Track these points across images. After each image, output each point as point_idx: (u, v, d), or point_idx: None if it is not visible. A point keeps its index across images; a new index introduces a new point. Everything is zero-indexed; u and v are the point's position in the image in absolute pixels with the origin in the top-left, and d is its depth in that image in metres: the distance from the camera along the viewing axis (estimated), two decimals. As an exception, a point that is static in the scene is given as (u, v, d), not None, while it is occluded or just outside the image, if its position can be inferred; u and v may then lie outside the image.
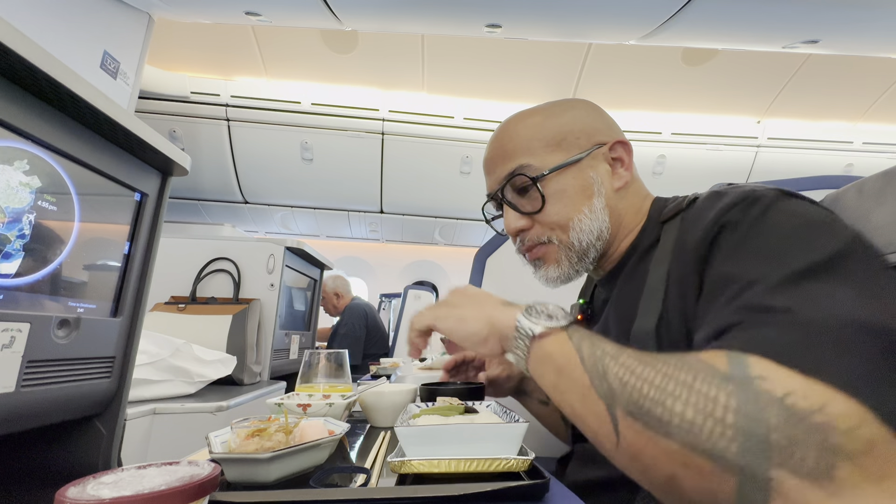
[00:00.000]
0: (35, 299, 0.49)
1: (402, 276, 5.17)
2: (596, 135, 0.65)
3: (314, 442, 0.49)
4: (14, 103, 0.45)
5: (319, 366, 0.82)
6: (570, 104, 0.69)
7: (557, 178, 0.63)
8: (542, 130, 0.65)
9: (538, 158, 0.64)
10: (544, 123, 0.65)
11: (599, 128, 0.66)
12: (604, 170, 0.65)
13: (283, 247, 1.61)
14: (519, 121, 0.67)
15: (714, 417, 0.33)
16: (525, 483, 0.44)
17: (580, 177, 0.64)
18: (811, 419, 0.31)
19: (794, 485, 0.30)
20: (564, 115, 0.66)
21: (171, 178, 0.69)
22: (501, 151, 0.67)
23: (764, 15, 1.77)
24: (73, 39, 1.72)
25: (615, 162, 0.66)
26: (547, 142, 0.64)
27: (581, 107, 0.68)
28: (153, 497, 0.29)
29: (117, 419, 0.62)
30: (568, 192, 0.63)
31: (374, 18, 1.98)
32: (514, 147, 0.65)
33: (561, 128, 0.65)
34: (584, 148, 0.64)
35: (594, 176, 0.64)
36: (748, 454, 0.32)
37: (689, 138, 3.04)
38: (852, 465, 0.30)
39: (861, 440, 0.31)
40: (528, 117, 0.67)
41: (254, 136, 2.98)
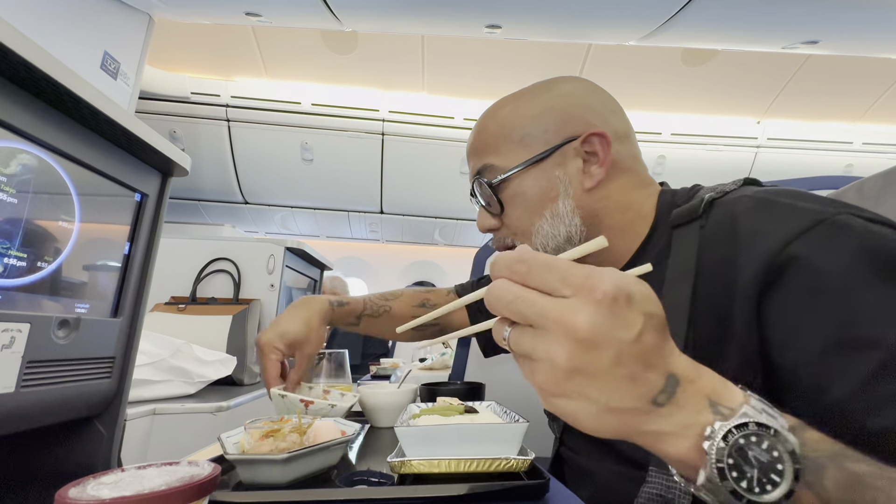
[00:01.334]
0: (35, 299, 0.49)
1: (402, 276, 5.17)
2: (568, 125, 0.58)
3: (329, 443, 0.49)
4: (14, 103, 0.45)
5: (319, 366, 0.82)
6: (551, 86, 0.62)
7: (518, 180, 0.58)
8: (509, 125, 0.60)
9: (501, 157, 0.59)
10: (513, 115, 0.60)
11: (579, 115, 0.58)
12: (574, 168, 0.58)
13: (283, 247, 1.61)
14: (492, 113, 0.63)
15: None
16: (525, 483, 0.44)
17: (543, 177, 0.58)
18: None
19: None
20: (538, 102, 0.60)
21: (171, 178, 0.69)
22: (472, 146, 0.64)
23: (764, 15, 1.77)
24: (73, 40, 1.72)
25: (589, 156, 0.58)
26: (511, 138, 0.59)
27: (564, 89, 0.61)
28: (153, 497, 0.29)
29: (117, 419, 0.62)
30: (528, 196, 0.58)
31: (374, 19, 1.98)
32: (481, 142, 0.62)
33: (529, 120, 0.59)
34: (550, 143, 0.58)
35: (560, 175, 0.57)
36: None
37: (688, 139, 3.04)
38: None
39: None
40: (502, 107, 0.62)
41: (254, 136, 2.98)
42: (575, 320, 0.27)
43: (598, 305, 0.27)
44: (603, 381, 0.28)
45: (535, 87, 0.63)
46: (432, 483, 0.45)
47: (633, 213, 0.59)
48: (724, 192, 0.53)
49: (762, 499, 0.27)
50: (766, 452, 0.28)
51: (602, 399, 0.29)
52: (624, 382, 0.28)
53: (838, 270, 0.39)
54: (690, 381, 0.30)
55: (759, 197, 0.48)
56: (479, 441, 0.47)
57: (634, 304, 0.28)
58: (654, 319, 0.29)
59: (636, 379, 0.29)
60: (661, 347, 0.30)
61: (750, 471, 0.27)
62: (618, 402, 0.29)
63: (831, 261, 0.39)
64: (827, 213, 0.42)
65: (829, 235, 0.40)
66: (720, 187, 0.54)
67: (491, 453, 0.46)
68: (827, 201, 0.44)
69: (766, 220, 0.44)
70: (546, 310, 0.28)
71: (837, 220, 0.41)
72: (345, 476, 0.48)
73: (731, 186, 0.54)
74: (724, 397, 0.30)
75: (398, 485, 0.46)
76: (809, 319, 0.39)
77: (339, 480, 0.47)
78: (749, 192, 0.50)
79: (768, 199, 0.46)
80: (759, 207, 0.46)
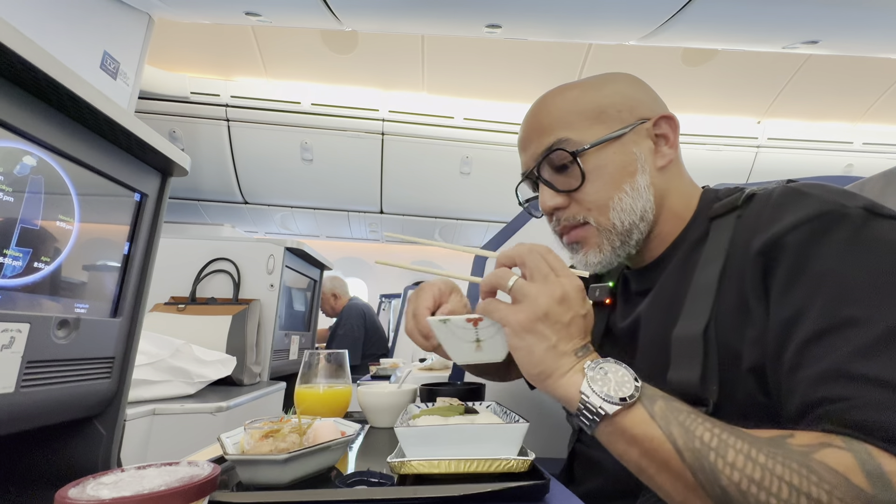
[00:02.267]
0: (35, 300, 0.49)
1: (402, 276, 5.17)
2: (639, 108, 0.61)
3: (329, 443, 0.49)
4: (14, 103, 0.45)
5: (319, 366, 0.82)
6: (611, 77, 0.64)
7: (598, 154, 0.59)
8: (582, 103, 0.61)
9: (577, 132, 0.59)
10: (583, 96, 0.61)
11: (643, 101, 0.62)
12: (647, 146, 0.60)
13: (283, 247, 1.61)
14: (557, 94, 0.63)
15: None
16: (525, 483, 0.44)
17: (622, 152, 0.59)
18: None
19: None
20: (605, 88, 0.62)
21: (171, 178, 0.69)
22: (537, 126, 0.62)
23: (764, 15, 1.77)
24: (73, 39, 1.72)
25: (659, 138, 0.61)
26: (587, 115, 0.60)
27: (623, 80, 0.64)
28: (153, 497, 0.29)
29: (117, 420, 0.62)
30: (609, 169, 0.58)
31: (374, 18, 1.98)
32: (551, 121, 0.61)
33: (602, 100, 0.60)
34: (626, 122, 0.60)
35: (637, 152, 0.59)
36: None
37: (689, 138, 3.04)
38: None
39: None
40: (566, 91, 0.63)
41: (254, 136, 2.98)
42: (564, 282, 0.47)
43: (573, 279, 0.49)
44: (563, 330, 0.46)
45: (591, 78, 0.65)
46: (432, 483, 0.45)
47: (687, 199, 0.62)
48: (766, 188, 0.56)
49: (616, 394, 0.42)
50: (621, 374, 0.44)
51: (555, 341, 0.46)
52: (572, 337, 0.47)
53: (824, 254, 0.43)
54: (592, 352, 0.48)
55: (793, 186, 0.51)
56: (479, 441, 0.47)
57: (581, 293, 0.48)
58: (589, 314, 0.49)
59: (576, 336, 0.47)
60: (587, 329, 0.49)
61: (610, 381, 0.43)
62: (563, 347, 0.46)
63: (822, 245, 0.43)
64: (840, 204, 0.45)
65: (829, 225, 0.44)
66: (765, 186, 0.57)
67: (491, 454, 0.46)
68: (851, 195, 0.46)
69: (784, 206, 0.48)
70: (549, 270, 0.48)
71: (846, 211, 0.44)
72: (345, 476, 0.48)
73: (775, 184, 0.57)
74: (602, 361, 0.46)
75: (398, 485, 0.46)
76: (787, 294, 0.44)
77: (339, 480, 0.47)
78: (789, 186, 0.53)
79: (798, 188, 0.49)
80: (787, 194, 0.49)
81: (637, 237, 0.59)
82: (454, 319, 0.52)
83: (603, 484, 0.60)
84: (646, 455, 0.41)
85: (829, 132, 3.09)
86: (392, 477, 0.47)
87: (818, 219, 0.44)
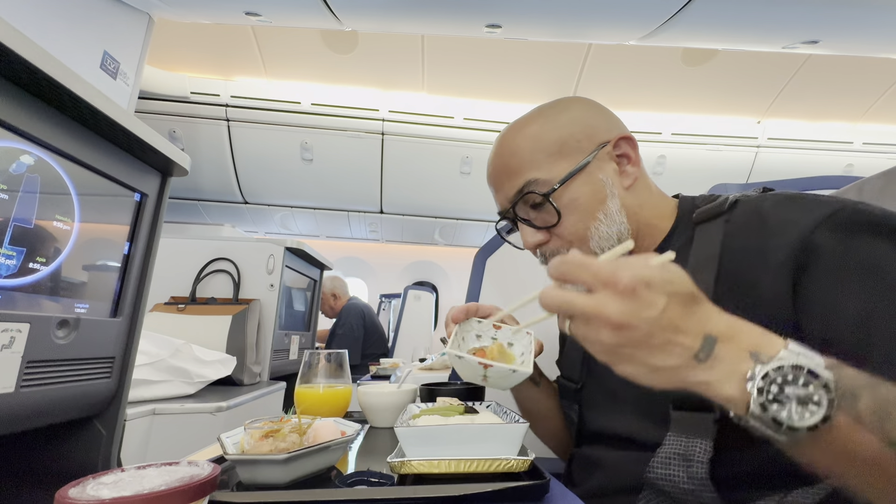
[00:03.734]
0: (35, 299, 0.49)
1: (402, 276, 5.17)
2: (597, 134, 0.63)
3: (329, 443, 0.49)
4: (14, 103, 0.45)
5: (319, 366, 0.82)
6: (565, 105, 0.66)
7: (568, 189, 0.61)
8: (542, 140, 0.63)
9: (544, 171, 0.61)
10: (543, 132, 0.63)
11: (599, 125, 0.64)
12: (611, 169, 0.63)
13: (283, 247, 1.61)
14: (516, 132, 0.65)
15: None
16: (525, 483, 0.44)
17: (590, 182, 0.61)
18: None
19: None
20: (560, 118, 0.64)
21: (171, 178, 0.69)
22: (505, 169, 0.65)
23: (764, 15, 1.77)
24: (73, 39, 1.72)
25: (621, 159, 0.64)
26: (549, 151, 0.62)
27: (576, 106, 0.66)
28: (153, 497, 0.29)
29: (117, 419, 0.62)
30: (581, 201, 0.61)
31: (374, 18, 1.98)
32: (517, 163, 0.63)
33: (560, 133, 0.63)
34: (587, 150, 0.62)
35: (604, 178, 0.62)
36: None
37: (689, 138, 3.04)
38: None
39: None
40: (524, 127, 0.65)
41: (254, 136, 2.98)
42: (607, 311, 0.36)
43: (622, 296, 0.36)
44: (645, 350, 0.37)
45: (545, 108, 0.67)
46: (432, 483, 0.45)
47: (660, 210, 0.65)
48: (747, 194, 0.59)
49: (801, 424, 0.33)
50: (803, 387, 0.33)
51: (649, 361, 0.37)
52: (662, 347, 0.36)
53: (862, 247, 0.45)
54: (729, 338, 0.37)
55: (784, 193, 0.54)
56: (479, 441, 0.47)
57: (654, 287, 0.36)
58: (677, 296, 0.37)
59: (672, 343, 0.36)
60: (691, 315, 0.37)
61: (788, 402, 0.33)
62: (662, 363, 0.37)
63: (854, 239, 0.46)
64: (846, 202, 0.48)
65: (850, 219, 0.47)
66: (743, 192, 0.60)
67: (491, 454, 0.46)
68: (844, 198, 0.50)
69: (793, 210, 0.50)
70: (585, 307, 0.37)
71: (857, 206, 0.47)
72: (345, 476, 0.48)
73: (753, 192, 0.60)
74: (763, 347, 0.36)
75: (398, 485, 0.46)
76: (845, 294, 0.45)
77: (339, 480, 0.47)
78: (772, 192, 0.57)
79: (793, 195, 0.53)
80: (785, 201, 0.52)
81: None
82: (468, 359, 0.56)
83: (604, 481, 0.60)
84: (851, 463, 0.35)
85: (829, 132, 3.09)
86: (392, 477, 0.47)
87: (834, 215, 0.47)
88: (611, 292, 0.36)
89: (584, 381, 0.69)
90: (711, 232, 0.56)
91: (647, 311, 0.36)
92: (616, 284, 0.36)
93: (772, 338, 0.37)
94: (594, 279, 0.37)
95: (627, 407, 0.60)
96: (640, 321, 0.36)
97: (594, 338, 0.38)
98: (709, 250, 0.54)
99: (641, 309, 0.36)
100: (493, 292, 1.16)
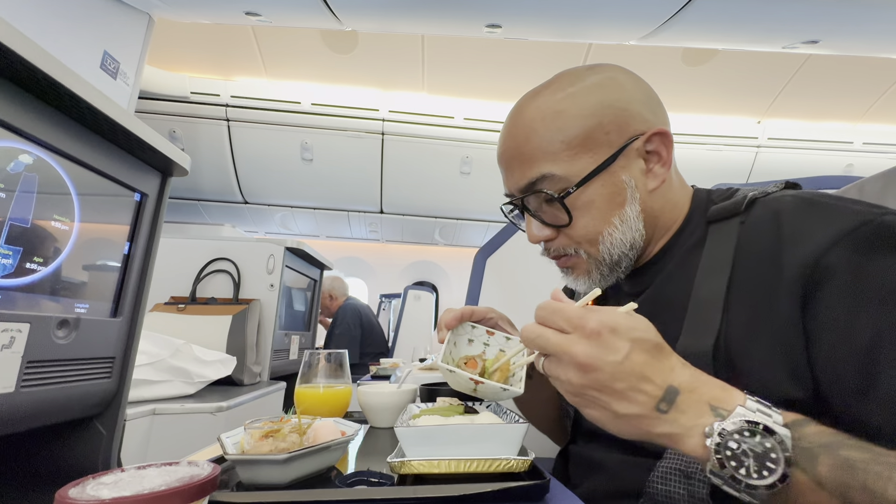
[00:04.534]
0: (35, 299, 0.49)
1: (402, 276, 5.17)
2: (631, 123, 0.54)
3: (329, 443, 0.49)
4: (14, 103, 0.45)
5: (319, 366, 0.82)
6: (600, 79, 0.56)
7: (585, 190, 0.54)
8: (565, 125, 0.54)
9: (562, 165, 0.54)
10: (567, 114, 0.54)
11: (636, 112, 0.55)
12: (638, 169, 0.55)
13: (283, 247, 1.61)
14: (537, 109, 0.56)
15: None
16: (525, 483, 0.44)
17: (611, 183, 0.54)
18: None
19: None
20: (592, 98, 0.55)
21: (171, 178, 0.69)
22: (518, 153, 0.57)
23: (764, 15, 1.77)
24: (73, 39, 1.72)
25: (651, 156, 0.56)
26: (570, 142, 0.54)
27: (614, 83, 0.56)
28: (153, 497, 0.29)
29: (117, 419, 0.62)
30: (597, 204, 0.55)
31: (374, 18, 1.98)
32: (532, 149, 0.55)
33: (587, 119, 0.54)
34: (615, 145, 0.54)
35: (627, 179, 0.55)
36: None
37: (689, 138, 3.04)
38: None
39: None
40: (546, 104, 0.56)
41: (254, 136, 2.98)
42: (574, 351, 0.38)
43: (588, 338, 0.38)
44: (608, 394, 0.38)
45: (575, 78, 0.58)
46: (432, 483, 0.45)
47: (678, 210, 0.59)
48: (765, 192, 0.54)
49: (759, 482, 0.33)
50: (759, 444, 0.34)
51: (612, 407, 0.38)
52: (624, 394, 0.38)
53: (882, 270, 0.41)
54: (691, 391, 0.38)
55: (803, 196, 0.49)
56: (479, 441, 0.47)
57: (619, 333, 0.38)
58: (641, 343, 0.38)
59: (635, 390, 0.38)
60: (654, 364, 0.38)
61: (746, 460, 0.34)
62: (625, 410, 0.38)
63: (875, 261, 0.41)
64: (873, 213, 0.43)
65: (873, 237, 0.42)
66: (762, 189, 0.55)
67: (491, 454, 0.46)
68: (872, 204, 0.45)
69: (810, 219, 0.46)
70: (556, 345, 0.39)
71: (883, 220, 0.42)
72: (345, 476, 0.48)
73: (773, 188, 0.55)
74: (723, 401, 0.37)
75: (398, 485, 0.46)
76: (857, 319, 0.41)
77: (339, 480, 0.47)
78: (791, 192, 0.51)
79: (813, 199, 0.48)
80: (803, 206, 0.47)
81: (626, 264, 0.58)
82: (459, 373, 0.55)
83: (603, 484, 0.59)
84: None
85: (829, 132, 3.09)
86: (392, 477, 0.47)
87: (856, 231, 0.42)
88: (579, 335, 0.39)
89: None
90: (725, 233, 0.52)
91: (611, 355, 0.38)
92: (584, 328, 0.38)
93: (732, 392, 0.38)
94: (566, 322, 0.40)
95: None
96: (604, 364, 0.37)
97: (564, 377, 0.39)
98: (722, 253, 0.50)
99: (606, 353, 0.38)
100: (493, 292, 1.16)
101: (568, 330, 0.39)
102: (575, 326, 0.39)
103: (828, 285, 0.43)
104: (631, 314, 0.41)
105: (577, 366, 0.38)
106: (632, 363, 0.38)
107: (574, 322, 0.39)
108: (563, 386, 0.40)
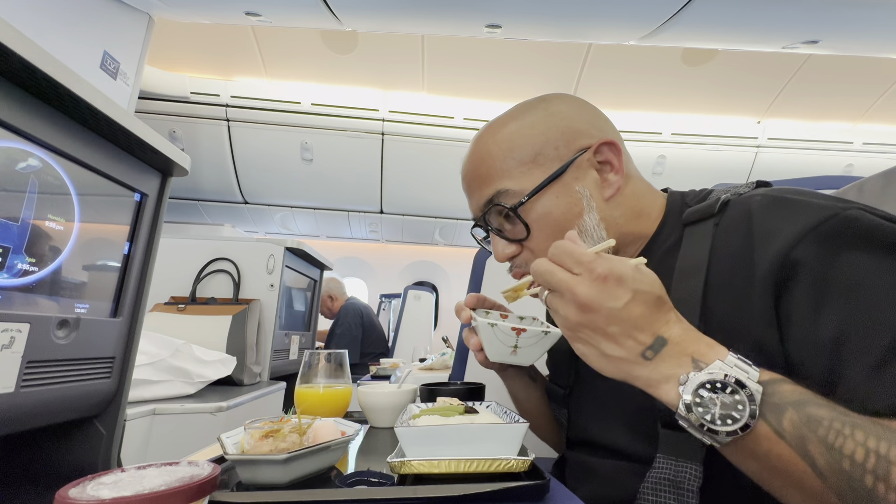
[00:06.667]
0: (35, 300, 0.49)
1: (402, 276, 5.17)
2: (577, 138, 0.58)
3: (329, 443, 0.49)
4: (14, 103, 0.45)
5: (319, 366, 0.82)
6: (546, 104, 0.61)
7: (540, 201, 0.56)
8: (516, 145, 0.58)
9: (515, 180, 0.57)
10: (518, 135, 0.58)
11: (581, 128, 0.59)
12: (591, 179, 0.58)
13: (283, 247, 1.61)
14: (490, 135, 0.60)
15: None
16: (525, 483, 0.44)
17: (565, 194, 0.56)
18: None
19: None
20: (539, 120, 0.59)
21: (171, 178, 0.69)
22: (476, 175, 0.61)
23: (764, 15, 1.77)
24: (73, 39, 1.72)
25: (603, 165, 0.58)
26: (521, 159, 0.57)
27: (559, 106, 0.60)
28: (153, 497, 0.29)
29: (117, 419, 0.62)
30: (554, 215, 0.56)
31: (374, 18, 1.98)
32: (488, 170, 0.59)
33: (536, 138, 0.58)
34: (564, 158, 0.57)
35: (581, 189, 0.57)
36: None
37: (689, 139, 3.04)
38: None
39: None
40: (499, 129, 0.60)
41: (254, 136, 2.98)
42: (577, 290, 0.41)
43: (594, 281, 0.41)
44: (600, 336, 0.42)
45: (526, 106, 0.62)
46: (432, 483, 0.45)
47: (645, 216, 0.60)
48: (738, 193, 0.55)
49: (721, 429, 0.36)
50: (729, 396, 0.37)
51: (601, 346, 0.42)
52: (616, 338, 0.41)
53: (846, 264, 0.41)
54: (677, 343, 0.41)
55: (773, 195, 0.50)
56: (479, 441, 0.47)
57: (624, 283, 0.41)
58: (643, 295, 0.41)
59: (626, 336, 0.41)
60: (650, 316, 0.41)
61: (713, 408, 0.37)
62: (612, 352, 0.42)
63: (839, 255, 0.42)
64: (837, 207, 0.44)
65: (838, 231, 0.42)
66: (734, 189, 0.56)
67: (491, 454, 0.46)
68: (838, 199, 0.46)
69: (779, 217, 0.46)
70: (561, 281, 0.42)
71: (847, 214, 0.43)
72: (345, 476, 0.48)
73: (745, 189, 0.56)
74: (705, 355, 0.40)
75: (398, 485, 0.46)
76: (822, 314, 0.41)
77: (339, 480, 0.47)
78: (762, 191, 0.52)
79: (781, 197, 0.48)
80: (772, 205, 0.48)
81: None
82: (501, 325, 0.55)
83: (598, 490, 0.58)
84: (772, 472, 0.37)
85: (829, 132, 3.09)
86: (392, 477, 0.47)
87: (821, 226, 0.43)
88: (585, 276, 0.41)
89: (573, 387, 0.67)
90: (700, 235, 0.53)
91: (611, 301, 0.40)
92: (592, 271, 0.41)
93: (717, 348, 0.40)
94: (575, 263, 0.42)
95: (616, 419, 0.57)
96: (603, 307, 0.40)
97: (563, 312, 0.43)
98: (697, 256, 0.51)
99: (607, 298, 0.40)
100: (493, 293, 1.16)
101: (577, 271, 0.42)
102: (585, 269, 0.42)
103: (796, 280, 0.43)
104: (640, 268, 0.43)
105: (578, 304, 0.41)
106: (629, 312, 0.40)
107: (584, 265, 0.42)
108: (560, 320, 0.44)
